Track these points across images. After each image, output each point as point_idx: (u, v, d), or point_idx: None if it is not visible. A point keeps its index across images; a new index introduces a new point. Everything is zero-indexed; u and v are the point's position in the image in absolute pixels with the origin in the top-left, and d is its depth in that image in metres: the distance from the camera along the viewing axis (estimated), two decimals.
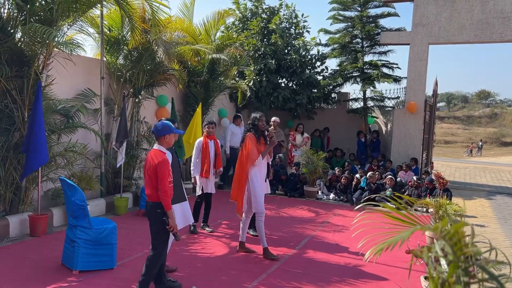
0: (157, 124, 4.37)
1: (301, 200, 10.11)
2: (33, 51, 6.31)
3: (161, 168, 4.11)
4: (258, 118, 5.80)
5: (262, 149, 5.72)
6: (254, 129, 5.78)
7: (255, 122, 5.79)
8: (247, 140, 5.68)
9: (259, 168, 5.70)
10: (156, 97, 9.75)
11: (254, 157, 5.62)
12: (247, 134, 5.77)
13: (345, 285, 4.95)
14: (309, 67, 13.23)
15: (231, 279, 5.00)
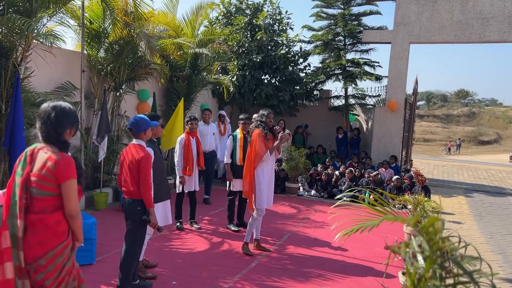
0: (135, 120, 4.20)
1: (282, 196, 10.16)
2: (11, 42, 6.17)
3: (144, 163, 4.00)
4: (266, 114, 5.83)
5: (270, 145, 5.72)
6: (262, 126, 5.79)
7: (262, 119, 5.82)
8: (255, 137, 5.68)
9: (266, 164, 5.68)
10: (138, 91, 9.65)
11: (262, 153, 5.61)
12: (255, 130, 5.77)
13: (325, 280, 5.02)
14: (292, 63, 13.27)
15: (211, 275, 5.01)
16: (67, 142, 2.79)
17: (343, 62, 12.59)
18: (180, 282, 4.71)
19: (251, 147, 5.76)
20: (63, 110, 2.78)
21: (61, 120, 2.74)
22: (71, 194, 2.67)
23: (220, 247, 6.11)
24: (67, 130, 2.78)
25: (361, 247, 6.33)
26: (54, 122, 2.72)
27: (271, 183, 5.89)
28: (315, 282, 4.96)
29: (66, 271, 2.73)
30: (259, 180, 5.66)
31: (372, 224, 2.24)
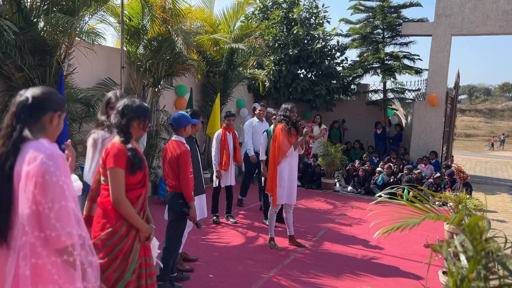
0: (176, 117, 4.34)
1: (318, 192, 10.09)
2: (55, 40, 6.39)
3: (183, 159, 4.14)
4: (289, 109, 5.67)
5: (293, 141, 5.61)
6: (286, 120, 5.65)
7: (286, 113, 5.66)
8: (278, 132, 5.58)
9: (289, 159, 5.61)
10: (175, 87, 9.80)
11: (285, 148, 5.52)
12: (278, 125, 5.67)
13: (362, 277, 4.95)
14: (328, 57, 13.11)
15: (247, 269, 5.04)
16: (129, 134, 2.92)
17: (381, 56, 12.32)
18: (216, 276, 4.77)
19: (274, 143, 5.65)
20: (129, 104, 2.97)
21: (125, 113, 2.91)
22: (113, 181, 2.79)
23: (255, 241, 6.13)
24: (133, 123, 2.93)
25: (399, 245, 6.20)
26: (120, 114, 2.91)
27: (294, 179, 5.78)
28: (352, 279, 4.91)
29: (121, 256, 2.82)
30: (282, 176, 5.60)
31: (413, 223, 2.18)
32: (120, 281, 2.81)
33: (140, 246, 2.97)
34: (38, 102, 2.04)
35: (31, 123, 2.01)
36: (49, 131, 2.08)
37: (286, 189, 5.65)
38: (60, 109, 2.11)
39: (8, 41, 5.61)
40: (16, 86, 6.24)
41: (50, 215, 1.86)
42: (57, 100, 2.12)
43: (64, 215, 1.90)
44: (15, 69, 6.12)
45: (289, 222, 5.92)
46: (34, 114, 2.02)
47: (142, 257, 2.99)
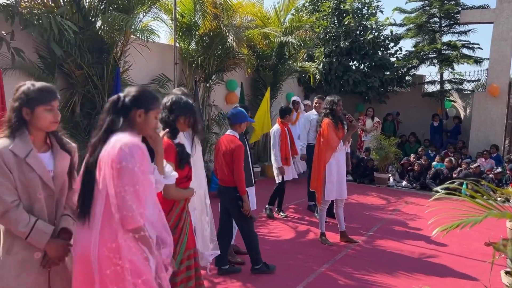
0: (235, 112, 4.46)
1: (371, 186, 9.86)
2: (112, 38, 6.63)
3: (238, 153, 4.24)
4: (335, 102, 5.49)
5: (341, 135, 5.47)
6: (332, 114, 5.48)
7: (332, 107, 5.48)
8: (325, 126, 5.42)
9: (337, 154, 5.47)
10: (226, 81, 9.90)
11: (334, 144, 5.37)
12: (324, 120, 5.49)
13: (417, 276, 4.78)
14: (381, 48, 12.74)
15: (298, 263, 5.02)
16: (176, 129, 3.05)
17: (438, 45, 11.81)
18: None
19: (320, 138, 5.49)
20: (177, 100, 3.10)
21: (173, 108, 3.06)
22: None
23: (306, 236, 6.09)
24: (180, 119, 3.06)
25: (458, 243, 5.93)
26: (168, 110, 3.06)
27: (343, 173, 5.63)
28: (407, 277, 4.75)
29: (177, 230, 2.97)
30: (330, 171, 5.46)
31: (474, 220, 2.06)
32: None
33: (188, 237, 3.05)
34: (127, 100, 2.27)
35: (121, 117, 2.24)
36: (137, 126, 2.28)
37: (336, 184, 5.53)
38: (145, 107, 2.28)
39: (68, 40, 5.89)
40: (76, 83, 6.55)
41: (126, 197, 2.03)
42: (144, 98, 2.30)
43: (138, 198, 2.07)
44: (75, 67, 6.42)
45: (340, 218, 5.80)
46: (122, 110, 2.26)
47: (191, 249, 3.08)
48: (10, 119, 2.28)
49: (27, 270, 2.21)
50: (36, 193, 2.24)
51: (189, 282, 3.06)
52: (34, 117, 2.26)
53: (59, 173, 2.34)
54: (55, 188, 2.31)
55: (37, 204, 2.26)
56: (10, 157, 2.17)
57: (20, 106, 2.26)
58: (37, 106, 2.25)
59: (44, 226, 2.23)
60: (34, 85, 2.31)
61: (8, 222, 2.17)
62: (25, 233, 2.17)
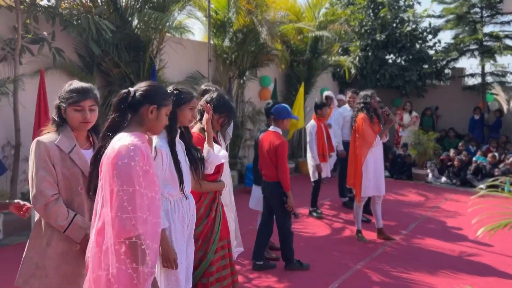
0: (279, 108, 4.47)
1: (409, 183, 9.62)
2: (148, 36, 6.74)
3: (281, 149, 4.29)
4: (370, 96, 5.39)
5: (377, 130, 5.35)
6: (367, 108, 5.37)
7: (367, 100, 5.38)
8: (360, 122, 5.32)
9: (374, 149, 5.35)
10: (260, 78, 9.89)
11: (370, 139, 5.26)
12: (359, 114, 5.39)
13: (459, 275, 4.62)
14: (419, 41, 12.39)
15: (334, 260, 4.96)
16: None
17: (479, 37, 11.35)
18: None
19: (356, 134, 5.38)
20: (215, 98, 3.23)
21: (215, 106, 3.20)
22: None
23: (342, 233, 6.01)
24: (214, 116, 3.18)
25: (500, 241, 5.68)
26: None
27: (381, 169, 5.51)
28: (447, 276, 4.61)
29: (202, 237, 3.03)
30: (367, 167, 5.35)
31: None
32: (203, 261, 3.01)
33: (222, 228, 3.13)
34: (138, 95, 2.12)
35: (130, 114, 2.12)
36: (148, 124, 2.12)
37: (373, 180, 5.42)
38: (158, 103, 2.12)
39: (106, 39, 6.03)
40: (114, 81, 6.71)
41: (123, 197, 1.88)
42: (157, 93, 2.15)
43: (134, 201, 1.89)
44: (113, 65, 6.57)
45: (378, 215, 5.68)
46: (133, 105, 2.11)
47: (224, 239, 3.17)
48: (53, 116, 2.40)
49: (67, 261, 2.29)
50: (78, 187, 2.32)
51: (224, 271, 3.16)
52: (66, 116, 2.35)
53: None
54: None
55: (78, 198, 2.33)
56: (56, 152, 2.27)
57: (59, 104, 2.38)
58: (68, 106, 2.33)
59: (82, 221, 2.30)
60: (71, 85, 2.39)
61: (47, 215, 2.25)
62: (63, 226, 2.25)
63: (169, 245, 2.61)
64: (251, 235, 5.64)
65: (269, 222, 4.65)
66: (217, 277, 3.09)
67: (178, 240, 2.69)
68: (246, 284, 4.28)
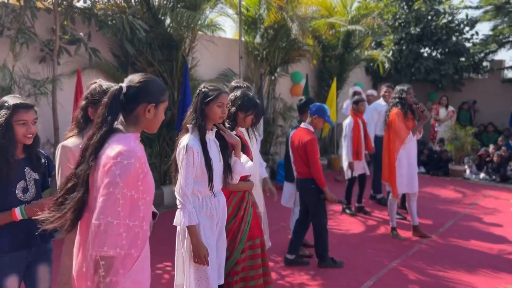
0: (319, 104, 4.47)
1: (445, 179, 9.37)
2: (180, 35, 6.82)
3: (310, 146, 4.26)
4: (405, 90, 5.27)
5: (410, 125, 5.23)
6: (401, 103, 5.25)
7: (402, 95, 5.26)
8: (394, 117, 5.21)
9: (407, 145, 5.23)
10: (291, 74, 9.83)
11: (403, 135, 5.14)
12: (393, 109, 5.28)
13: (499, 274, 4.47)
14: (456, 33, 12.02)
15: (368, 258, 4.89)
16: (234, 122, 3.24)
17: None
18: None
19: (389, 129, 5.27)
20: (241, 96, 3.26)
21: (236, 103, 3.24)
22: None
23: (376, 230, 5.92)
24: (239, 114, 3.24)
25: None
26: (231, 103, 3.23)
27: (414, 166, 5.37)
28: (486, 275, 4.46)
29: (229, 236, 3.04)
30: (400, 163, 5.22)
31: None
32: (229, 259, 3.02)
33: (252, 228, 3.13)
34: (132, 93, 1.90)
35: (124, 115, 1.93)
36: (144, 123, 1.95)
37: (406, 177, 5.30)
38: (155, 100, 1.93)
39: (140, 38, 6.14)
40: None
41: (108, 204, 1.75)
42: (153, 89, 1.94)
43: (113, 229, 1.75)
44: (146, 64, 6.69)
45: (413, 212, 5.56)
46: (127, 105, 1.91)
47: (255, 239, 3.16)
48: (77, 117, 2.37)
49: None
50: None
51: (251, 271, 3.14)
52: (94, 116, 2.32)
53: None
54: None
55: None
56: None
57: (86, 105, 2.35)
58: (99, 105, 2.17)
59: None
60: (101, 86, 2.37)
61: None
62: None
63: (199, 241, 2.65)
64: (283, 232, 5.66)
65: (305, 218, 4.64)
66: (242, 276, 3.09)
67: (207, 236, 2.73)
68: (279, 281, 4.28)
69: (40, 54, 5.72)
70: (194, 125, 2.75)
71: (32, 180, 2.37)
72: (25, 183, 2.34)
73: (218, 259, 2.82)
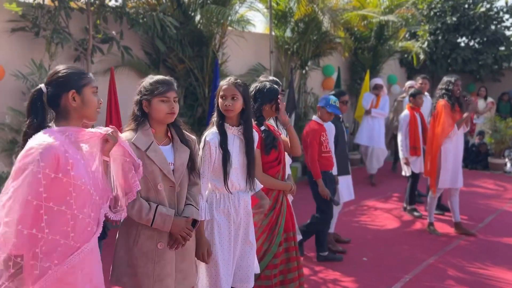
0: (323, 96, 4.47)
1: (485, 173, 9.05)
2: (210, 31, 6.83)
3: (307, 136, 4.26)
4: (453, 82, 5.10)
5: (457, 118, 5.05)
6: (448, 95, 5.08)
7: (449, 87, 5.09)
8: (441, 109, 5.05)
9: (455, 139, 5.07)
10: (322, 67, 9.70)
11: (448, 127, 4.97)
12: (440, 101, 5.12)
13: None
14: (495, 21, 11.54)
15: (404, 253, 4.78)
16: (261, 117, 3.13)
17: None
18: (370, 259, 4.62)
19: (435, 121, 5.10)
20: (260, 88, 3.16)
21: (257, 97, 3.14)
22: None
23: (411, 225, 5.78)
24: (265, 107, 3.13)
25: None
26: (253, 98, 3.10)
27: (459, 160, 5.20)
28: None
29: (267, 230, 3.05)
30: (446, 157, 5.05)
31: None
32: (268, 253, 3.03)
33: (287, 221, 3.13)
34: (51, 88, 1.87)
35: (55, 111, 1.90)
36: (76, 113, 1.89)
37: (450, 172, 5.12)
38: (75, 86, 1.87)
39: (170, 36, 6.19)
40: (179, 77, 6.88)
41: (9, 200, 1.66)
42: (69, 77, 1.88)
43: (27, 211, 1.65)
44: (177, 61, 6.74)
45: (455, 208, 5.35)
46: (51, 102, 1.88)
47: (289, 232, 3.16)
48: (133, 112, 2.39)
49: (153, 260, 2.30)
50: (157, 185, 2.30)
51: (289, 264, 3.16)
52: (151, 108, 2.33)
53: (179, 166, 2.37)
54: (175, 180, 2.35)
55: (158, 196, 2.31)
56: (133, 150, 2.23)
57: (140, 99, 2.36)
58: (153, 97, 2.31)
59: (166, 210, 2.29)
60: (153, 78, 2.41)
61: (132, 213, 2.24)
62: (149, 219, 2.25)
63: (202, 238, 2.57)
64: None
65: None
66: (281, 269, 3.10)
67: (222, 234, 2.66)
68: (312, 277, 4.23)
69: (75, 53, 5.85)
70: (216, 120, 2.75)
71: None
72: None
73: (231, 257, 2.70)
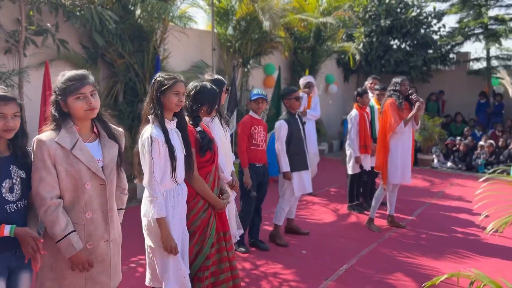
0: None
1: (414, 168, 9.55)
2: (151, 26, 6.72)
3: (237, 129, 4.64)
4: (399, 82, 5.39)
5: (405, 116, 5.30)
6: (396, 95, 5.35)
7: (396, 88, 5.37)
8: (387, 107, 5.30)
9: (401, 136, 5.30)
10: (264, 66, 9.85)
11: (395, 124, 5.21)
12: (387, 100, 5.38)
13: (464, 259, 4.66)
14: (424, 26, 12.29)
15: (340, 246, 5.00)
16: (198, 117, 3.12)
17: (484, 20, 11.25)
18: (310, 251, 4.79)
19: (383, 119, 5.39)
20: (200, 89, 3.13)
21: (197, 97, 3.12)
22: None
23: (347, 219, 6.05)
24: (202, 108, 3.13)
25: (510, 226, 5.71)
26: (192, 98, 3.11)
27: (408, 157, 5.44)
28: (452, 260, 4.64)
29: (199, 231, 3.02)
30: (393, 153, 5.31)
31: None
32: (200, 254, 3.01)
33: (217, 221, 3.13)
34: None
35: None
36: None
37: (400, 167, 5.36)
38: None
39: (109, 30, 6.02)
40: (118, 72, 6.72)
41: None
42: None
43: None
44: (117, 56, 6.58)
45: (392, 202, 5.64)
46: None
47: (220, 232, 3.16)
48: (51, 112, 2.26)
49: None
50: (84, 184, 2.21)
51: (221, 265, 3.15)
52: (69, 108, 2.21)
53: (108, 162, 2.30)
54: (105, 177, 2.27)
55: (85, 196, 2.22)
56: (57, 149, 2.15)
57: (55, 99, 2.24)
58: (68, 96, 2.19)
59: (76, 241, 2.18)
60: (64, 75, 2.26)
61: (45, 220, 2.16)
62: (56, 237, 2.15)
63: (169, 233, 2.67)
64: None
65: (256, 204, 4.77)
66: (212, 270, 3.09)
67: (175, 227, 2.75)
68: (253, 271, 4.32)
69: (5, 45, 5.54)
70: (155, 116, 2.71)
71: (19, 179, 2.21)
72: (11, 181, 2.17)
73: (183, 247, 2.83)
